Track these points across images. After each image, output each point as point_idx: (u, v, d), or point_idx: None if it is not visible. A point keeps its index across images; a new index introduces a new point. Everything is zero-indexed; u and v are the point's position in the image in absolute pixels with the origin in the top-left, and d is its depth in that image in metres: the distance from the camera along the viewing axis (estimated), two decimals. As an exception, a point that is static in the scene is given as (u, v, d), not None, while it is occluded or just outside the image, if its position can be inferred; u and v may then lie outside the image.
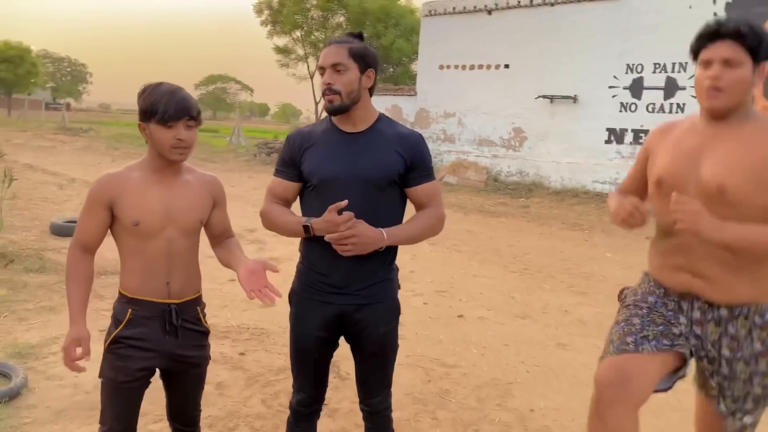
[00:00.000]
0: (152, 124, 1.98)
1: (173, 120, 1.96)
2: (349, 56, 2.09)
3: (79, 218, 2.08)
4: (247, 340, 4.40)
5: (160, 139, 1.98)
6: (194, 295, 2.19)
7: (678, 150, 2.02)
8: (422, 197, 2.22)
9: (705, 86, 1.93)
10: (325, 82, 2.09)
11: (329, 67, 2.09)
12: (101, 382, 2.12)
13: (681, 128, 2.09)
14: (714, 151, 1.94)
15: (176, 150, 2.00)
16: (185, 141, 1.99)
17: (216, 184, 2.24)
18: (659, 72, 13.18)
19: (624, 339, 2.01)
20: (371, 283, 2.18)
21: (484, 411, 3.51)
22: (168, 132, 1.97)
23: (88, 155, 20.05)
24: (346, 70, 2.08)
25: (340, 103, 2.09)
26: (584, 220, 11.77)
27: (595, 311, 5.66)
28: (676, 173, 1.99)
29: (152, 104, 1.97)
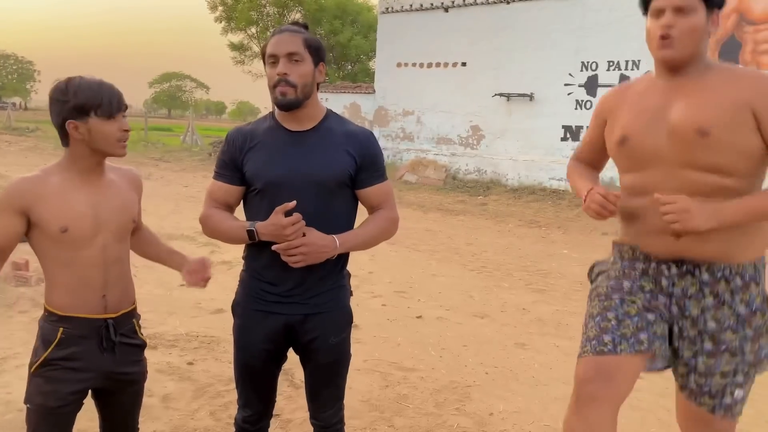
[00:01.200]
0: (93, 119, 1.81)
1: (117, 111, 1.84)
2: (304, 46, 1.93)
3: None
4: (195, 349, 4.20)
5: (105, 134, 1.83)
6: (130, 306, 2.03)
7: (640, 107, 1.93)
8: (374, 199, 2.09)
9: (657, 36, 1.84)
10: (280, 72, 1.90)
11: (284, 56, 1.91)
12: (27, 408, 1.92)
13: (638, 88, 2.00)
14: (681, 102, 1.85)
15: (122, 144, 1.87)
16: (128, 132, 1.88)
17: (137, 177, 2.10)
18: (613, 69, 13.36)
19: (601, 338, 1.91)
20: (321, 291, 2.04)
21: (443, 416, 3.42)
22: (113, 124, 1.84)
23: (35, 156, 19.28)
24: (301, 60, 1.93)
25: (294, 98, 1.92)
26: (541, 217, 11.85)
27: (553, 309, 5.64)
28: (641, 128, 1.89)
29: (92, 97, 1.81)
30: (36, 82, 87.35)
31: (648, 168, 1.90)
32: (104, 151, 1.87)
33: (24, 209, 1.82)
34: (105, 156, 1.90)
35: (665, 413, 3.56)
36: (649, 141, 1.88)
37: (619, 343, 1.89)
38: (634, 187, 1.95)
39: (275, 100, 1.95)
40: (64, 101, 1.82)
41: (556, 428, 3.34)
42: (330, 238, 1.93)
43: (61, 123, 1.84)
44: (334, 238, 1.94)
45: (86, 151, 1.87)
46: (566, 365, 4.27)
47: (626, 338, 1.89)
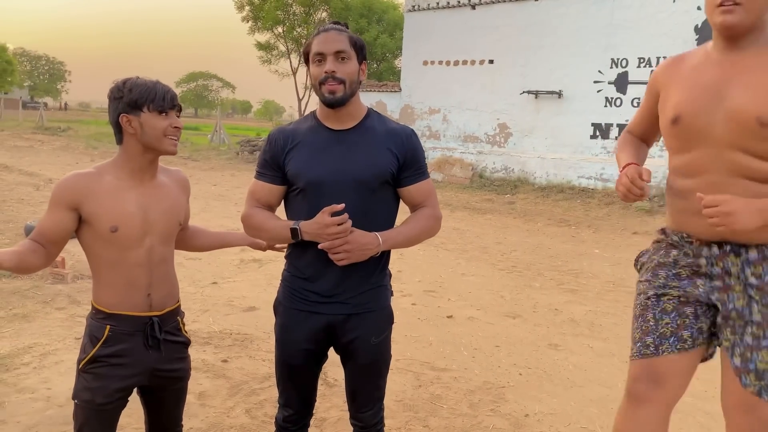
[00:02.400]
0: (145, 113, 1.85)
1: (170, 108, 1.88)
2: (350, 44, 1.94)
3: (40, 220, 1.91)
4: (230, 347, 4.23)
5: (155, 128, 1.86)
6: (175, 304, 2.06)
7: (694, 83, 1.83)
8: (417, 197, 2.08)
9: (719, 1, 1.73)
10: (329, 70, 1.90)
11: (332, 54, 1.91)
12: (75, 403, 1.96)
13: (692, 61, 1.90)
14: (740, 82, 1.75)
15: (170, 139, 1.89)
16: (179, 130, 1.91)
17: (185, 179, 2.14)
18: (644, 66, 13.14)
19: (644, 340, 1.90)
20: (363, 290, 2.03)
21: (478, 417, 3.39)
22: (164, 120, 1.87)
23: (66, 155, 19.66)
24: (349, 58, 1.93)
25: (342, 94, 1.92)
26: (570, 215, 11.72)
27: (585, 309, 5.57)
28: (696, 109, 1.80)
29: (145, 93, 1.85)
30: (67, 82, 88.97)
31: (698, 148, 1.82)
32: (154, 146, 1.88)
33: (75, 205, 1.85)
34: (156, 153, 1.92)
35: (704, 416, 3.49)
36: (703, 121, 1.79)
37: (660, 344, 1.87)
38: (684, 167, 1.88)
39: (323, 97, 1.94)
40: (119, 98, 1.87)
41: (593, 430, 3.30)
42: (372, 236, 1.93)
43: (116, 119, 1.88)
44: (376, 235, 1.94)
45: (138, 149, 1.89)
46: (600, 367, 4.22)
47: (666, 338, 1.87)
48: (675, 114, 1.85)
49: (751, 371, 1.83)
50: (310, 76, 1.98)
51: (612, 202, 12.59)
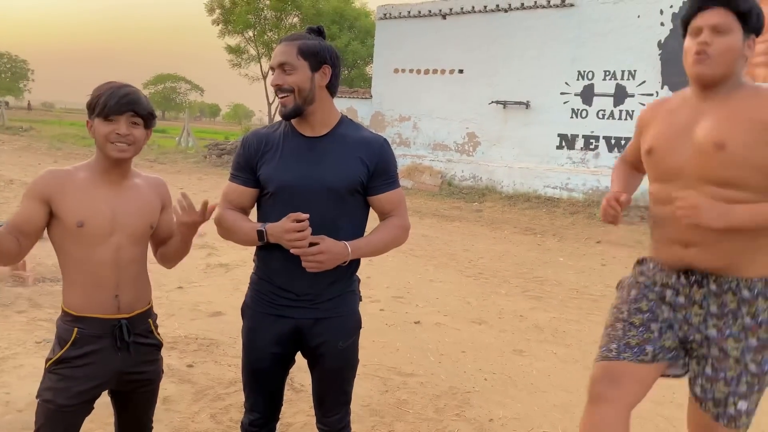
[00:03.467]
0: (96, 119, 1.87)
1: (114, 113, 1.85)
2: (297, 54, 1.97)
3: (14, 213, 1.91)
4: (195, 351, 4.20)
5: (99, 133, 1.87)
6: (145, 306, 2.04)
7: (669, 121, 2.02)
8: (386, 206, 2.11)
9: (693, 52, 1.91)
10: (273, 84, 1.99)
11: (277, 67, 1.98)
12: (38, 402, 1.93)
13: (672, 103, 2.09)
14: (707, 119, 1.92)
15: (114, 146, 1.86)
16: (126, 137, 1.87)
17: (163, 186, 2.12)
18: (609, 79, 13.47)
19: (608, 345, 2.03)
20: (331, 295, 2.05)
21: (443, 422, 3.43)
22: (108, 126, 1.86)
23: (28, 155, 19.19)
24: (293, 69, 1.96)
25: (294, 105, 1.97)
26: (536, 224, 11.90)
27: (550, 316, 5.66)
28: (667, 141, 1.98)
29: (95, 98, 1.88)
30: (30, 81, 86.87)
31: (671, 180, 1.98)
32: (101, 150, 1.89)
33: (47, 198, 1.86)
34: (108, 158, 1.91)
35: (663, 421, 3.59)
36: (673, 154, 1.96)
37: (623, 351, 1.99)
38: (658, 196, 2.04)
39: (279, 110, 2.02)
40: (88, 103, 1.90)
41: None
42: (342, 245, 1.95)
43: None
44: (346, 244, 1.96)
45: (99, 151, 1.91)
46: (564, 372, 4.30)
47: (630, 347, 1.99)
48: (649, 146, 2.04)
49: (709, 399, 2.00)
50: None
51: (577, 212, 12.83)
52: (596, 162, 13.65)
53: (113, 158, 1.89)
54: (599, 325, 5.41)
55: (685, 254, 1.94)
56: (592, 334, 5.22)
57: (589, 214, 12.57)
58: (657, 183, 2.05)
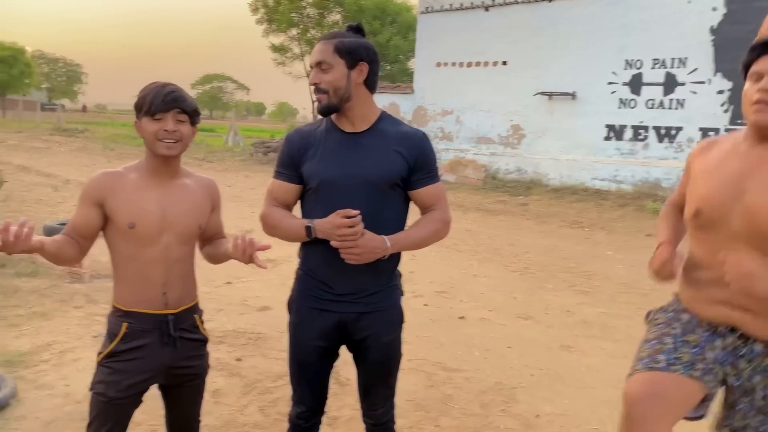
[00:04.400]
0: (144, 118, 1.92)
1: (161, 111, 1.90)
2: (334, 52, 1.99)
3: (72, 216, 2.00)
4: (243, 345, 4.29)
5: (147, 132, 1.92)
6: (191, 302, 2.09)
7: (717, 175, 1.84)
8: (427, 200, 2.11)
9: (754, 99, 1.75)
10: (311, 82, 2.02)
11: (315, 66, 2.02)
12: (91, 394, 2.01)
13: (721, 148, 1.91)
14: (760, 176, 1.75)
15: (162, 143, 1.91)
16: (173, 133, 1.91)
17: (213, 187, 2.16)
18: (658, 67, 13.08)
19: (655, 356, 1.87)
20: (374, 290, 2.07)
21: (489, 417, 3.41)
22: (155, 124, 1.91)
23: (84, 156, 19.89)
24: (330, 67, 1.99)
25: (328, 103, 2.00)
26: (584, 217, 11.67)
27: (598, 311, 5.56)
28: (715, 204, 1.81)
29: (142, 98, 1.93)
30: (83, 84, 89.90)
31: (716, 242, 1.82)
32: (150, 149, 1.94)
33: (100, 201, 1.93)
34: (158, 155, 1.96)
35: None
36: (721, 215, 1.80)
37: (674, 363, 1.84)
38: (701, 257, 1.89)
39: (316, 107, 2.06)
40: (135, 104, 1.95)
41: (604, 431, 3.30)
42: (381, 239, 1.96)
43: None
44: (384, 238, 1.97)
45: (150, 151, 1.96)
46: (613, 368, 4.21)
47: (681, 361, 1.84)
48: (696, 207, 1.86)
49: None
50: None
51: (626, 204, 12.53)
52: (646, 153, 13.29)
53: (162, 155, 1.94)
54: (650, 320, 5.31)
55: (731, 315, 1.81)
56: (642, 329, 5.08)
57: (639, 207, 12.26)
58: (700, 243, 1.89)
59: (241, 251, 1.93)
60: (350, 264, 1.96)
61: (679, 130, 12.86)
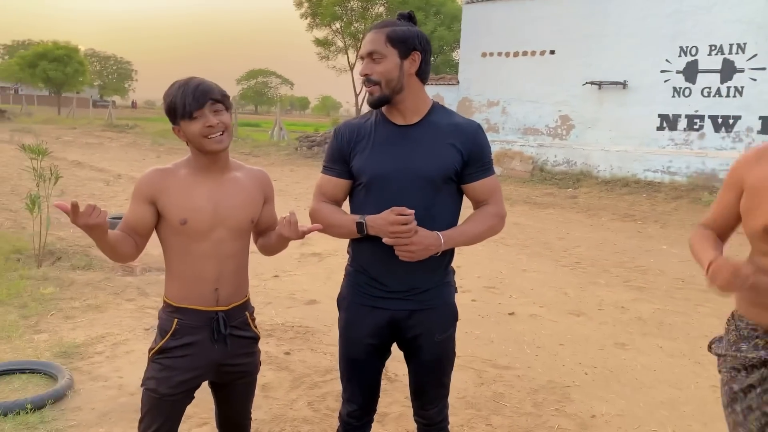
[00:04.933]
0: (182, 122, 1.87)
1: (196, 109, 1.85)
2: (386, 42, 1.91)
3: (126, 213, 1.98)
4: (292, 339, 4.28)
5: (192, 134, 1.87)
6: (242, 299, 2.06)
7: None
8: (481, 194, 2.02)
9: None
10: (362, 73, 1.94)
11: (366, 56, 1.94)
12: (142, 390, 2.01)
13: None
14: None
15: (211, 139, 1.86)
16: (216, 126, 1.86)
17: (265, 179, 2.11)
18: (715, 54, 12.56)
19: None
20: (427, 287, 2.00)
21: (542, 417, 3.31)
22: (195, 124, 1.86)
23: (134, 151, 20.41)
24: (382, 58, 1.91)
25: (380, 95, 1.92)
26: (636, 210, 11.33)
27: (653, 308, 5.36)
28: None
29: (171, 103, 1.87)
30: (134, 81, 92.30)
31: None
32: (200, 149, 1.90)
33: (152, 199, 1.91)
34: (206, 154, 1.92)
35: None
36: None
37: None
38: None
39: (366, 99, 1.98)
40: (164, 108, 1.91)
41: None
42: (434, 236, 1.89)
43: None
44: (438, 235, 1.90)
45: (196, 150, 1.93)
46: (671, 367, 4.05)
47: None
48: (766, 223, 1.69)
49: None
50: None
51: (680, 197, 12.11)
52: (701, 143, 12.80)
53: (214, 151, 1.90)
54: (709, 317, 5.10)
55: None
56: (700, 327, 4.90)
57: (694, 199, 11.83)
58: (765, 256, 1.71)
59: (287, 224, 1.89)
60: (402, 260, 1.90)
61: (737, 119, 12.33)
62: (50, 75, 48.66)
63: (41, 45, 51.44)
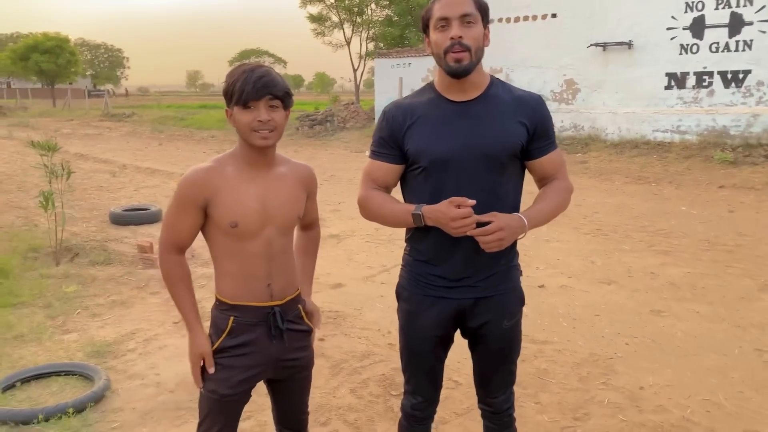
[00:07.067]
0: (235, 108, 1.77)
1: (252, 99, 1.74)
2: (475, 7, 1.76)
3: (169, 218, 1.87)
4: (323, 325, 4.20)
5: (241, 123, 1.77)
6: (295, 293, 1.98)
7: None
8: (549, 169, 1.92)
9: None
10: (455, 36, 1.73)
11: (457, 18, 1.74)
12: (201, 393, 1.94)
13: None
14: None
15: (257, 134, 1.76)
16: (267, 122, 1.76)
17: (310, 174, 2.01)
18: (722, 8, 12.29)
19: None
20: (492, 272, 1.90)
21: (590, 392, 3.25)
22: (248, 114, 1.75)
23: (135, 140, 20.25)
24: (475, 23, 1.75)
25: (469, 62, 1.75)
26: (648, 172, 11.21)
27: (684, 272, 5.28)
28: None
29: (231, 85, 1.77)
30: (126, 69, 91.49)
31: None
32: (245, 140, 1.80)
33: (203, 203, 1.81)
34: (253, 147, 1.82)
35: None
36: None
37: None
38: None
39: (447, 67, 1.77)
40: (223, 88, 1.81)
41: (717, 403, 3.10)
42: (518, 217, 1.78)
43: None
44: (521, 216, 1.79)
45: (244, 141, 1.83)
46: (712, 333, 3.98)
47: None
48: None
49: None
50: (432, 44, 1.80)
51: (691, 155, 11.97)
52: (711, 100, 12.61)
53: (257, 146, 1.80)
54: (740, 278, 5.02)
55: None
56: (734, 288, 4.82)
57: (706, 158, 11.70)
58: None
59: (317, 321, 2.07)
60: (466, 246, 1.80)
61: (747, 73, 12.12)
62: (43, 67, 48.22)
63: (32, 37, 50.83)
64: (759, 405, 3.08)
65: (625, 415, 3.01)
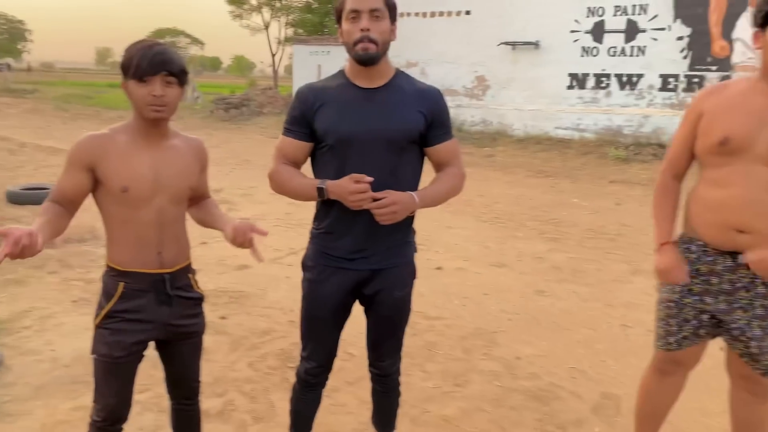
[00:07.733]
0: (130, 81, 1.87)
1: (148, 75, 1.84)
2: (384, 3, 1.96)
3: (58, 179, 1.94)
4: (226, 304, 4.31)
5: (136, 96, 1.87)
6: (186, 262, 2.10)
7: (742, 109, 1.98)
8: (444, 156, 2.13)
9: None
10: (363, 28, 1.92)
11: (367, 12, 1.93)
12: (93, 359, 2.02)
13: (737, 88, 2.04)
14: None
15: (151, 107, 1.87)
16: (161, 98, 1.87)
17: (202, 147, 2.14)
18: (620, 15, 13.15)
19: (667, 339, 2.23)
20: (389, 246, 2.11)
21: (472, 361, 3.55)
22: (143, 88, 1.85)
23: (36, 118, 19.19)
24: (383, 17, 1.95)
25: (375, 53, 1.94)
26: (549, 166, 11.87)
27: (568, 257, 5.74)
28: (743, 132, 1.95)
29: (128, 59, 1.86)
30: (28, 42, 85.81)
31: (735, 164, 1.97)
32: (139, 113, 1.90)
33: (90, 165, 1.89)
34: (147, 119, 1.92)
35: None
36: (747, 142, 1.94)
37: (682, 343, 2.21)
38: (717, 179, 2.02)
39: (356, 55, 1.96)
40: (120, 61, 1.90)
41: (582, 370, 3.48)
42: (409, 195, 1.97)
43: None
44: (412, 194, 1.99)
45: (138, 113, 1.93)
46: (585, 311, 4.40)
47: (687, 338, 2.20)
48: (724, 136, 1.98)
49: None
50: (344, 33, 1.98)
51: (589, 152, 12.76)
52: (608, 101, 13.49)
53: (151, 119, 1.91)
54: (618, 263, 5.52)
55: (738, 239, 1.97)
56: (611, 272, 5.31)
57: (601, 154, 12.51)
58: (717, 168, 2.02)
59: (241, 234, 1.97)
60: (366, 221, 1.98)
61: (640, 77, 13.05)
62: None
63: None
64: (617, 372, 3.48)
65: (501, 382, 3.33)
